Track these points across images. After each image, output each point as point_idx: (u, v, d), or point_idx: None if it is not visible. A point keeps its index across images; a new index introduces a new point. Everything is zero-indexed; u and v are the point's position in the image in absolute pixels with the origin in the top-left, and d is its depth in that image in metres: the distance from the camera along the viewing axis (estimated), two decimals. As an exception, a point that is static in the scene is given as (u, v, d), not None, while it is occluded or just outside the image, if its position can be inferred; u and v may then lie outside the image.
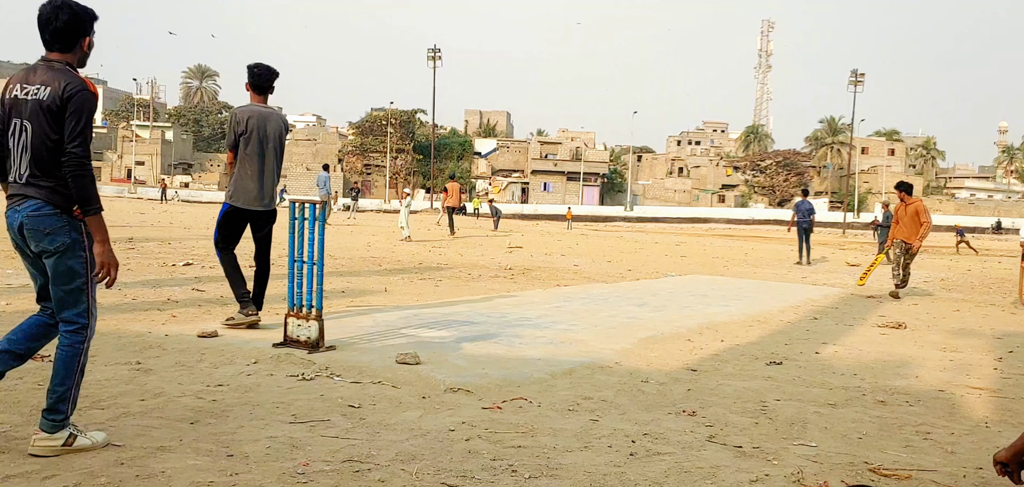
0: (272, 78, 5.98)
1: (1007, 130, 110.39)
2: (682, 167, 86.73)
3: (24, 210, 3.09)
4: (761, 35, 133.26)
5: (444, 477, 3.08)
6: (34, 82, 3.09)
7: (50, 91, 3.05)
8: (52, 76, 3.08)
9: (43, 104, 3.04)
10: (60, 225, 3.09)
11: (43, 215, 3.08)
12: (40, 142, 3.05)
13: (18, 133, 3.10)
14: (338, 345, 5.44)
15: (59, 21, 3.10)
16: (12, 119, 3.12)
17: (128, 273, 9.49)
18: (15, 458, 3.04)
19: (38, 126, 3.05)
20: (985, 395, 5.03)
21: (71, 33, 3.13)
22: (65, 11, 3.11)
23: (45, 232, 3.09)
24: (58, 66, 3.11)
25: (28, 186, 3.09)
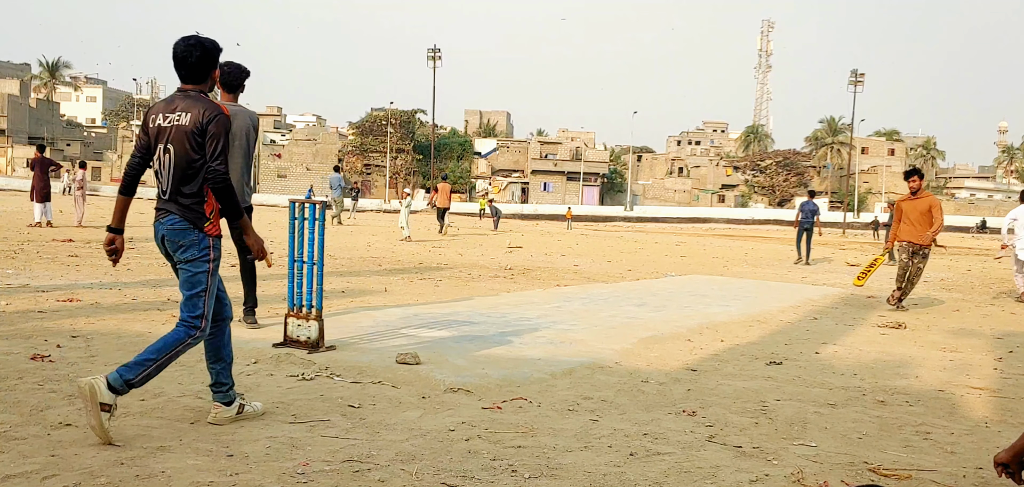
0: (242, 76, 5.97)
1: (1007, 130, 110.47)
2: (682, 167, 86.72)
3: (166, 223, 3.54)
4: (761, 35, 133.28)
5: (444, 477, 3.08)
6: (175, 110, 3.51)
7: (191, 117, 3.46)
8: (190, 104, 3.50)
9: (185, 129, 3.46)
10: (191, 239, 3.52)
11: (177, 229, 3.52)
12: (184, 163, 3.48)
13: (163, 156, 3.52)
14: (338, 345, 5.44)
15: (193, 57, 3.54)
16: (157, 144, 3.54)
17: (128, 273, 9.49)
18: (14, 458, 3.04)
19: (181, 149, 3.47)
20: (985, 395, 5.03)
21: (203, 67, 3.58)
22: (197, 49, 3.55)
23: (179, 244, 3.53)
24: (193, 95, 3.55)
25: (170, 202, 3.53)
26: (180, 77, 3.58)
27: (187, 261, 3.52)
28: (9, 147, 74.50)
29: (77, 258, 10.86)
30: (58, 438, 3.29)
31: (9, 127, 75.30)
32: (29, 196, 17.64)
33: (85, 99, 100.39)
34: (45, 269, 9.35)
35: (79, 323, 5.88)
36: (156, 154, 3.56)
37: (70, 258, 10.79)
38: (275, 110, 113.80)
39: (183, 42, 3.54)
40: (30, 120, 78.85)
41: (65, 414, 3.61)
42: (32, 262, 10.03)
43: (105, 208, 31.14)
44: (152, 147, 3.57)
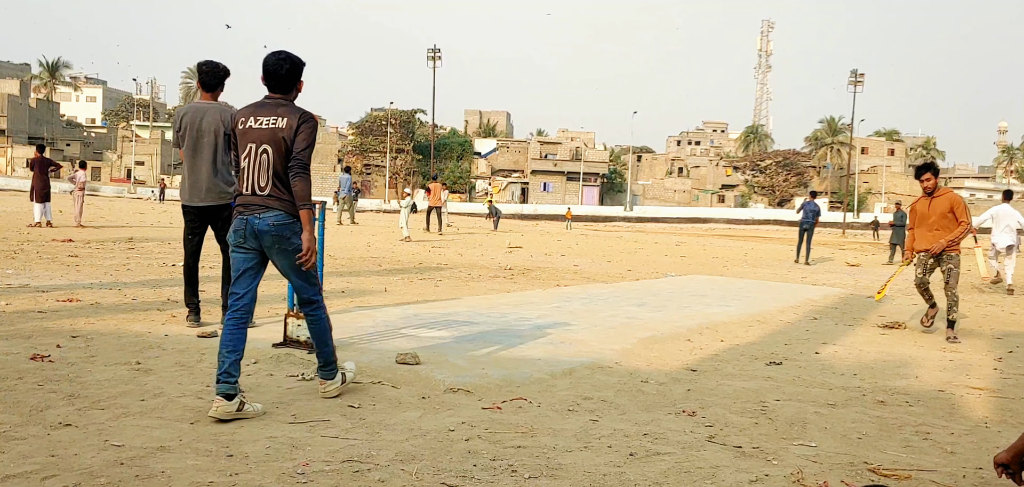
0: (220, 76, 5.99)
1: (1007, 130, 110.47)
2: (682, 167, 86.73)
3: (267, 218, 3.84)
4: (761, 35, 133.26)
5: (444, 477, 3.08)
6: (268, 115, 3.87)
7: (286, 122, 3.83)
8: (284, 111, 3.88)
9: (282, 132, 3.81)
10: (297, 228, 3.87)
11: (283, 223, 3.84)
12: (281, 163, 3.83)
13: (258, 155, 3.85)
14: (338, 345, 5.43)
15: (283, 70, 3.93)
16: (249, 144, 3.87)
17: (128, 273, 9.49)
18: (14, 458, 3.04)
19: (279, 149, 3.82)
20: (985, 395, 5.03)
21: (290, 79, 3.97)
22: (287, 63, 3.95)
23: (286, 236, 3.85)
24: (283, 102, 3.94)
25: (269, 198, 3.84)
26: (269, 87, 3.96)
27: (295, 248, 3.88)
28: (9, 147, 74.50)
29: (77, 258, 10.86)
30: (58, 438, 3.29)
31: (9, 127, 75.30)
32: (29, 196, 17.67)
33: (85, 99, 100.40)
34: (45, 269, 9.35)
35: (79, 323, 5.88)
36: (246, 153, 3.89)
37: (70, 258, 10.79)
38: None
39: (274, 56, 3.94)
40: (30, 120, 78.85)
41: (65, 414, 3.61)
42: (32, 262, 10.03)
43: (105, 208, 31.12)
44: (240, 146, 3.92)
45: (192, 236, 6.03)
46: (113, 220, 21.09)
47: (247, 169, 3.88)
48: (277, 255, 3.90)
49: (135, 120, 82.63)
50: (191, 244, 6.04)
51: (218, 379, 3.71)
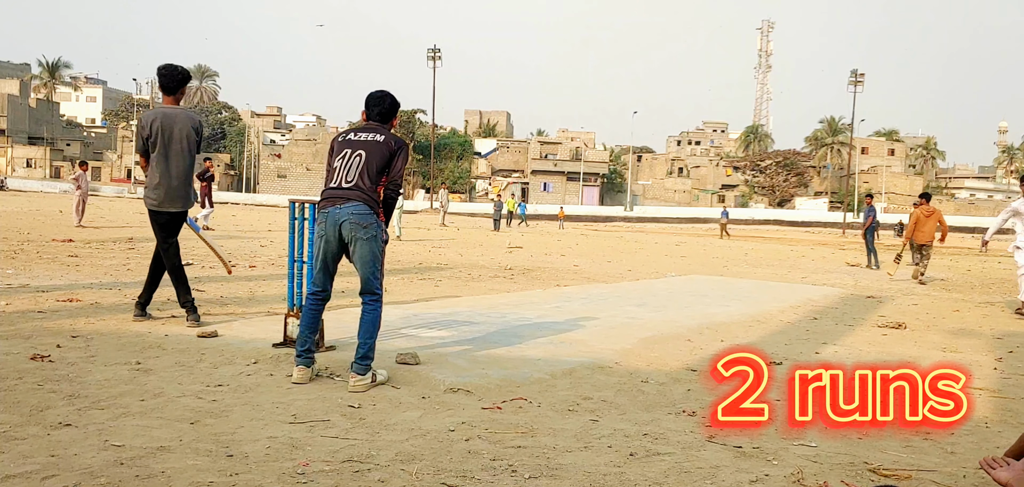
0: (178, 79, 5.98)
1: (1007, 130, 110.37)
2: (682, 167, 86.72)
3: (347, 208, 4.38)
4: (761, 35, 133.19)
5: (444, 477, 3.08)
6: (368, 132, 4.53)
7: (384, 139, 4.49)
8: (383, 131, 4.56)
9: (379, 143, 4.48)
10: (373, 219, 4.42)
11: (360, 213, 4.39)
12: (374, 165, 4.44)
13: (352, 157, 4.47)
14: (338, 345, 5.43)
15: (384, 105, 4.67)
16: (345, 150, 4.50)
17: (128, 273, 9.49)
18: (14, 458, 3.03)
19: (373, 154, 4.45)
20: (985, 395, 5.03)
21: (390, 113, 4.70)
22: (388, 99, 4.70)
23: (362, 225, 4.38)
24: (383, 128, 4.59)
25: (353, 191, 4.40)
26: (370, 116, 4.63)
27: (368, 238, 4.39)
28: (9, 147, 74.49)
29: (77, 258, 10.86)
30: (58, 438, 3.29)
31: (9, 127, 75.30)
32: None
33: (85, 99, 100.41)
34: (45, 269, 9.35)
35: (79, 323, 5.88)
36: (341, 155, 4.50)
37: (70, 258, 10.79)
38: (275, 110, 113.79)
39: (379, 93, 4.67)
40: (30, 120, 78.85)
41: (65, 414, 3.61)
42: (32, 262, 10.03)
43: (105, 208, 31.11)
44: (337, 152, 4.54)
45: (168, 239, 6.03)
46: (113, 220, 21.08)
47: (338, 169, 4.46)
48: (354, 243, 4.37)
49: (134, 120, 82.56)
50: (173, 247, 6.05)
51: (298, 355, 4.46)
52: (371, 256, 4.41)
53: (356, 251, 4.40)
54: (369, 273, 4.43)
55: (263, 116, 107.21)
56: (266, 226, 22.99)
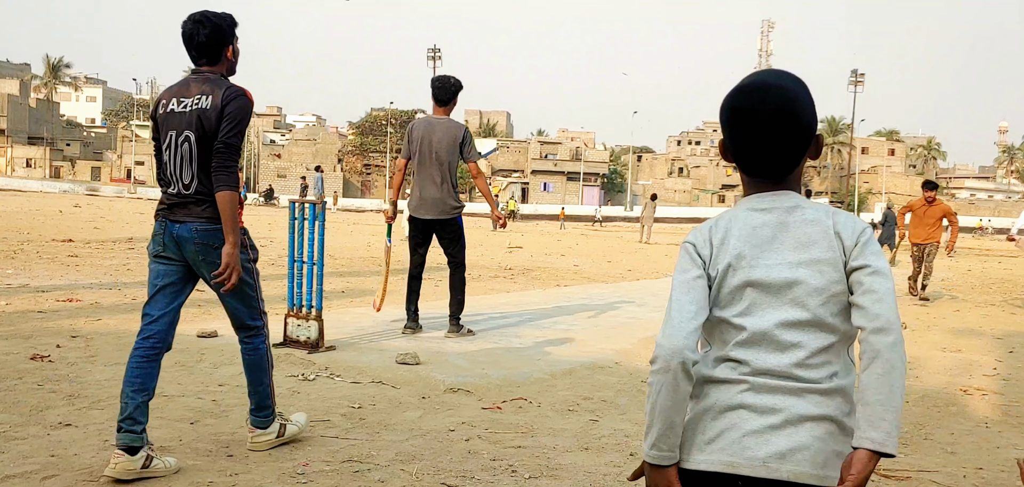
0: (448, 90, 6.08)
1: (1007, 130, 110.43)
2: (682, 167, 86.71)
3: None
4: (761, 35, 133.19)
5: (444, 477, 3.07)
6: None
7: (211, 101, 3.08)
8: (209, 88, 3.12)
9: (205, 113, 3.08)
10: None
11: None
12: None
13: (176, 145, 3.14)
14: (338, 345, 5.43)
15: (201, 36, 3.15)
16: (169, 131, 3.15)
17: (128, 273, 9.49)
18: (14, 458, 3.03)
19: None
20: (985, 395, 5.03)
21: (215, 46, 3.18)
22: (206, 25, 3.15)
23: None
24: (212, 77, 3.16)
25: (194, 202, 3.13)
26: (191, 58, 3.27)
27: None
28: (9, 147, 74.51)
29: (77, 258, 10.86)
30: (58, 438, 3.29)
31: (9, 127, 75.30)
32: None
33: (85, 99, 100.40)
34: (45, 269, 9.35)
35: (79, 323, 5.88)
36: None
37: (70, 258, 10.79)
38: (275, 110, 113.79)
39: (190, 18, 3.20)
40: (30, 120, 78.86)
41: (65, 414, 3.61)
42: (32, 262, 10.03)
43: (105, 208, 31.10)
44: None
45: (416, 247, 6.13)
46: (114, 219, 21.10)
47: (169, 162, 3.24)
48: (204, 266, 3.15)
49: (135, 120, 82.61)
50: (416, 256, 6.16)
51: (119, 427, 2.94)
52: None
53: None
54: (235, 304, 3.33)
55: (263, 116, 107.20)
56: (265, 225, 22.97)
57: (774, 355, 1.42)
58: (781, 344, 1.42)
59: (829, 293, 1.43)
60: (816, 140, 1.52)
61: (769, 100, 1.47)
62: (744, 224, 1.50)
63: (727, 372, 1.45)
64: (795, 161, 1.51)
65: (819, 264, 1.44)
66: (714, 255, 1.50)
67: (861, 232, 1.45)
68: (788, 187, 1.52)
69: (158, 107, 3.23)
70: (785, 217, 1.48)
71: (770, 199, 1.51)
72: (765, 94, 1.48)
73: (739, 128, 1.50)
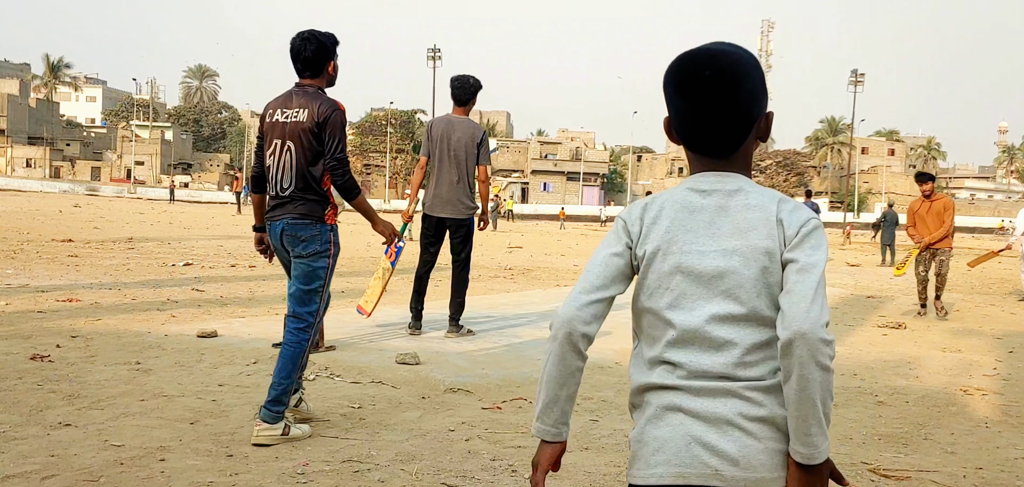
0: (467, 90, 6.11)
1: (1007, 130, 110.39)
2: (682, 167, 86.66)
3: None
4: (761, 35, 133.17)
5: (444, 477, 3.07)
6: (292, 106, 3.59)
7: (307, 114, 3.52)
8: (306, 101, 3.55)
9: (302, 126, 3.52)
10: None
11: None
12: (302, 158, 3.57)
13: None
14: (338, 345, 5.43)
15: (307, 51, 3.57)
16: (273, 139, 3.59)
17: (128, 273, 9.49)
18: (14, 458, 3.03)
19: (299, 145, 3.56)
20: (985, 395, 5.03)
21: (319, 61, 3.60)
22: (312, 42, 3.58)
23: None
24: (310, 91, 3.59)
25: (291, 200, 3.56)
26: (296, 70, 3.68)
27: None
28: (9, 147, 74.51)
29: (77, 258, 10.86)
30: (58, 438, 3.29)
31: (9, 127, 75.31)
32: None
33: (85, 99, 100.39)
34: (45, 269, 9.35)
35: (79, 323, 5.88)
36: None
37: (70, 258, 10.79)
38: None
39: (298, 35, 3.62)
40: (30, 120, 78.87)
41: (65, 414, 3.61)
42: (32, 262, 10.03)
43: (105, 208, 31.10)
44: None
45: (428, 245, 6.11)
46: (114, 218, 21.10)
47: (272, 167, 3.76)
48: None
49: (135, 120, 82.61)
50: (427, 254, 6.13)
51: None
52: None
53: None
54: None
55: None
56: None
57: (708, 355, 1.33)
58: (714, 342, 1.33)
59: (763, 283, 1.32)
60: (765, 117, 1.42)
61: (714, 64, 1.36)
62: (680, 205, 1.39)
63: (663, 376, 1.36)
64: (741, 137, 1.39)
65: (754, 252, 1.32)
66: (643, 234, 1.40)
67: (804, 222, 1.33)
68: (735, 168, 1.40)
69: (265, 116, 3.67)
70: (725, 201, 1.37)
71: (713, 179, 1.39)
72: (709, 59, 1.37)
73: (681, 96, 1.39)
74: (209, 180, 77.86)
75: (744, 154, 1.41)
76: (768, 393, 1.32)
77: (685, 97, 1.39)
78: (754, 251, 1.33)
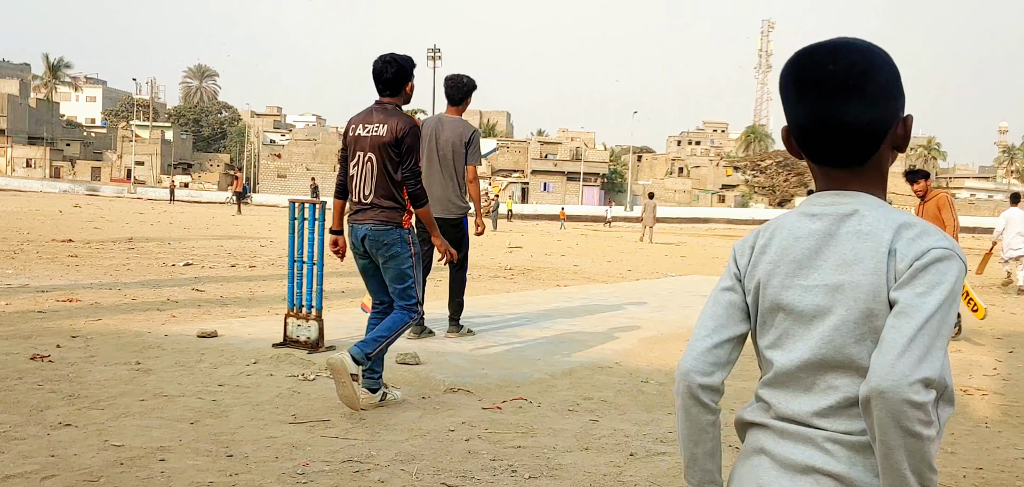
0: (461, 89, 6.05)
1: (1007, 130, 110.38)
2: (682, 167, 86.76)
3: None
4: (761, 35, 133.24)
5: (444, 477, 3.07)
6: (373, 122, 4.01)
7: (387, 130, 3.96)
8: (384, 117, 4.01)
9: (382, 140, 3.95)
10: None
11: None
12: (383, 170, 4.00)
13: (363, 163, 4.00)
14: (338, 345, 5.43)
15: (388, 73, 4.04)
16: (357, 151, 4.02)
17: (128, 273, 9.49)
18: (14, 458, 3.03)
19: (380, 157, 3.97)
20: (985, 395, 5.03)
21: (399, 82, 4.09)
22: (393, 65, 4.05)
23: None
24: (389, 108, 4.06)
25: (373, 207, 3.98)
26: (377, 89, 4.17)
27: None
28: (9, 147, 74.52)
29: (77, 258, 10.86)
30: (58, 438, 3.29)
31: (9, 127, 75.32)
32: None
33: (85, 99, 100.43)
34: (45, 269, 9.35)
35: (79, 323, 5.88)
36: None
37: (70, 258, 10.79)
38: (275, 110, 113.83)
39: (380, 57, 4.12)
40: (30, 120, 78.88)
41: (65, 414, 3.61)
42: (32, 262, 10.03)
43: (105, 208, 31.10)
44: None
45: (421, 246, 6.05)
46: (114, 218, 21.09)
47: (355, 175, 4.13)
48: None
49: (135, 120, 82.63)
50: (421, 254, 6.06)
51: (365, 374, 3.96)
52: None
53: None
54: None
55: (263, 116, 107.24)
56: (265, 225, 22.98)
57: (797, 399, 1.19)
58: (806, 386, 1.18)
59: (866, 328, 1.13)
60: (902, 121, 1.22)
61: (839, 58, 1.18)
62: (787, 231, 1.22)
63: (757, 414, 1.26)
64: (872, 145, 1.19)
65: (857, 290, 1.13)
66: (751, 264, 1.25)
67: (921, 254, 1.10)
68: (864, 183, 1.20)
69: (348, 130, 4.11)
70: (835, 226, 1.18)
71: (828, 200, 1.20)
72: (833, 53, 1.18)
73: (801, 96, 1.20)
74: (209, 180, 77.90)
75: (877, 166, 1.21)
76: (851, 450, 1.14)
77: (806, 98, 1.20)
78: (857, 289, 1.14)
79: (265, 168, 79.75)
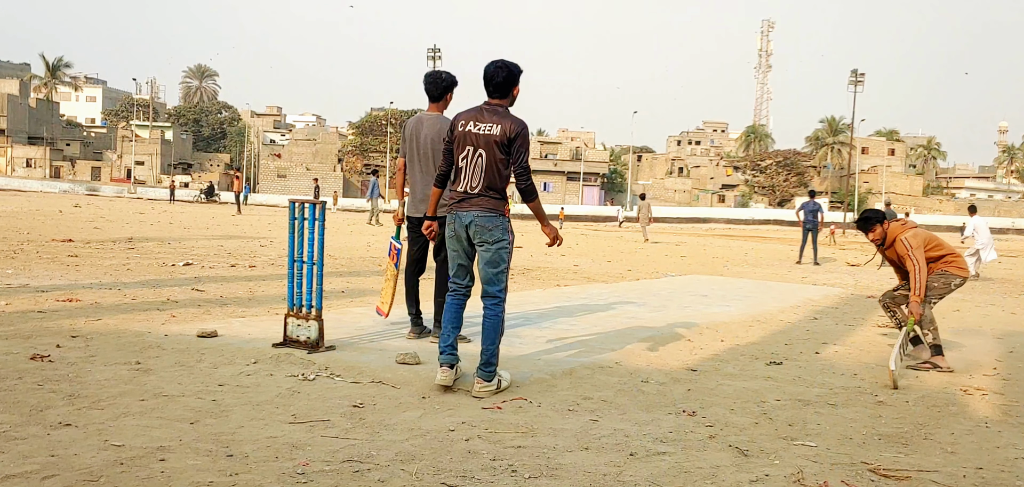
0: (440, 86, 5.95)
1: (1007, 130, 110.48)
2: (682, 167, 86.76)
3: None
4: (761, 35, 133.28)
5: (444, 477, 3.07)
6: (485, 121, 4.32)
7: (500, 130, 4.29)
8: (496, 118, 4.33)
9: (494, 139, 4.28)
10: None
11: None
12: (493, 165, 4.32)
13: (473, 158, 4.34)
14: (338, 345, 5.43)
15: (499, 77, 4.37)
16: (466, 146, 4.35)
17: (128, 273, 9.49)
18: (14, 458, 3.03)
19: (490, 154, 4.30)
20: (985, 395, 5.03)
21: (507, 86, 4.42)
22: (504, 70, 4.38)
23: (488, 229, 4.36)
24: (500, 110, 4.38)
25: (480, 196, 4.32)
26: (487, 92, 4.48)
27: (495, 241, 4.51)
28: (9, 147, 74.52)
29: (77, 258, 10.86)
30: (58, 438, 3.29)
31: (9, 127, 75.33)
32: None
33: (85, 99, 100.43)
34: (45, 269, 9.35)
35: (79, 323, 5.88)
36: (463, 154, 4.67)
37: (70, 258, 10.79)
38: (275, 110, 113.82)
39: (492, 62, 4.46)
40: (30, 120, 78.88)
41: (65, 414, 3.61)
42: (32, 262, 10.03)
43: (105, 208, 31.09)
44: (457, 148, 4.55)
45: (411, 245, 6.05)
46: (114, 218, 21.09)
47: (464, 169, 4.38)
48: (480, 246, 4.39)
49: (135, 120, 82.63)
50: (412, 254, 6.04)
51: (441, 351, 4.37)
52: None
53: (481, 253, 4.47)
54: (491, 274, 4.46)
55: (263, 116, 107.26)
56: (265, 225, 22.99)
57: None
58: None
59: None
60: None
61: None
62: None
63: None
64: None
65: None
66: None
67: None
68: None
69: (457, 125, 4.40)
70: None
71: None
72: None
73: None
74: (209, 180, 77.89)
75: None
76: None
77: None
78: None
79: (265, 168, 79.74)
